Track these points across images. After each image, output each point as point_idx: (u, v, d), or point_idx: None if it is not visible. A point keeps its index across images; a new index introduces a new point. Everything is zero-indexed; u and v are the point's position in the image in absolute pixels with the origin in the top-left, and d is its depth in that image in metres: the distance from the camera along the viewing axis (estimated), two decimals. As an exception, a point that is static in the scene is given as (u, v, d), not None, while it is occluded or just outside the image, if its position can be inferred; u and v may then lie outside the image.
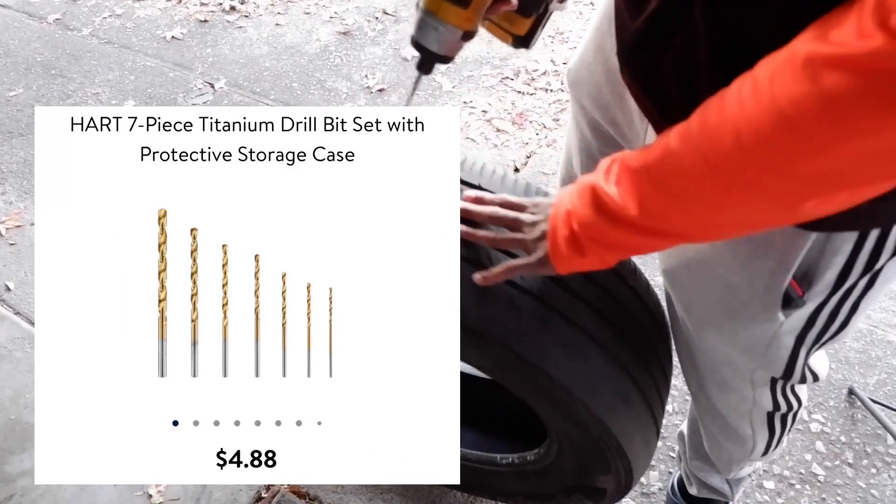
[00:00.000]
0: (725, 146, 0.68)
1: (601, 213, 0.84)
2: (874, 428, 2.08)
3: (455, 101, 3.39)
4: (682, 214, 0.78)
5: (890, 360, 2.23)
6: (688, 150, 0.73)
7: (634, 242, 0.85)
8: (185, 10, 4.21)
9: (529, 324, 1.08)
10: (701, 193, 0.74)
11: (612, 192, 0.82)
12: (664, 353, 1.28)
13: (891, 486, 1.96)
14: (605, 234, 0.85)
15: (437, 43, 0.97)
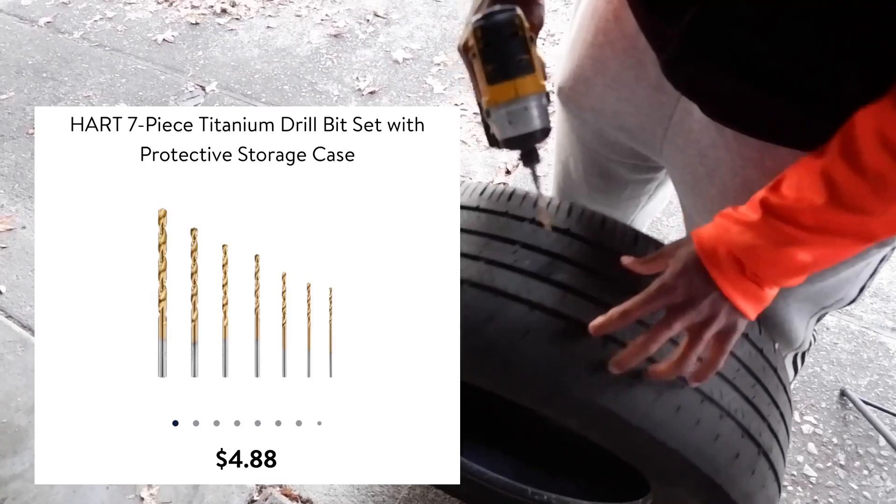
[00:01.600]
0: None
1: (771, 214, 0.83)
2: (866, 429, 2.09)
3: (447, 103, 3.39)
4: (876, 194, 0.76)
5: (881, 362, 2.24)
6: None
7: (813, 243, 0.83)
8: (177, 13, 4.21)
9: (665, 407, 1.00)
10: None
11: (786, 191, 0.82)
12: (784, 406, 1.19)
13: (883, 488, 1.97)
14: (777, 239, 0.83)
15: (535, 119, 0.93)
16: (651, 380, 0.96)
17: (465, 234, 1.10)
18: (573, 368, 0.97)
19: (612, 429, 1.00)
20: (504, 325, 0.99)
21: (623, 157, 1.33)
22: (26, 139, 3.38)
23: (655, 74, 1.03)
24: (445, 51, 3.71)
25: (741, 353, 1.07)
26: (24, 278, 2.72)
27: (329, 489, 2.04)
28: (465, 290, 1.02)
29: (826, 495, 1.96)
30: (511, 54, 0.90)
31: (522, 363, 0.99)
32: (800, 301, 1.20)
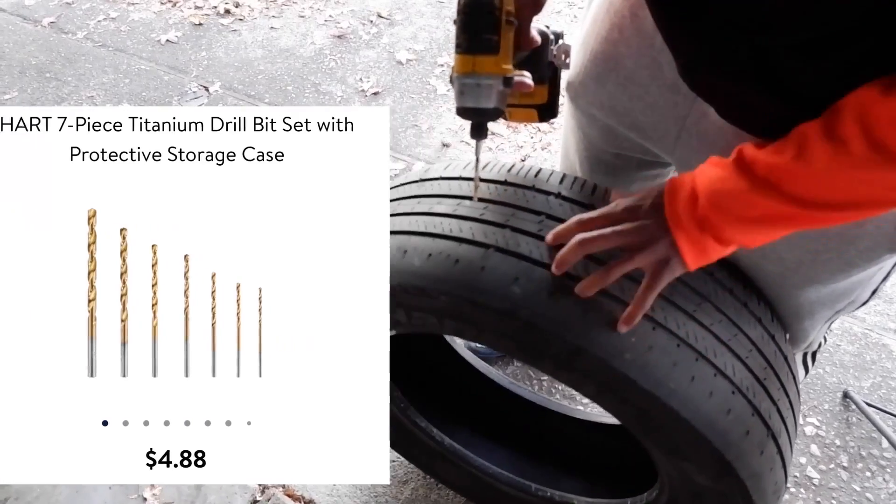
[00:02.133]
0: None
1: (742, 170, 0.85)
2: (869, 431, 2.08)
3: (450, 104, 3.38)
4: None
5: (884, 364, 2.23)
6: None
7: (777, 205, 0.84)
8: (180, 14, 4.21)
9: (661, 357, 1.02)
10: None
11: (761, 152, 0.84)
12: (794, 395, 1.20)
13: (885, 490, 1.96)
14: (745, 197, 0.86)
15: (483, 98, 0.97)
16: (580, 294, 0.99)
17: (493, 205, 1.12)
18: (593, 329, 1.00)
19: (626, 395, 1.03)
20: (528, 288, 1.02)
21: (632, 153, 1.33)
22: (30, 139, 3.38)
23: (671, 75, 1.03)
24: (449, 52, 3.71)
25: (754, 335, 1.09)
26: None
27: (332, 489, 2.04)
28: (492, 255, 1.05)
29: (829, 497, 1.96)
30: (479, 31, 0.94)
31: (544, 323, 1.01)
32: (812, 302, 1.20)
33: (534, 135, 3.19)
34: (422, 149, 3.15)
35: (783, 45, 0.77)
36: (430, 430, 1.66)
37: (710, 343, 1.03)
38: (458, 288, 1.05)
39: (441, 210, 1.15)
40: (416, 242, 1.11)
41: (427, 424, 1.66)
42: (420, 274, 1.08)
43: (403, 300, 1.14)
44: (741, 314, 1.10)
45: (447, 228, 1.10)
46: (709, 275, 1.09)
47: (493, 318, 1.06)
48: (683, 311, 1.04)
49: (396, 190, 1.30)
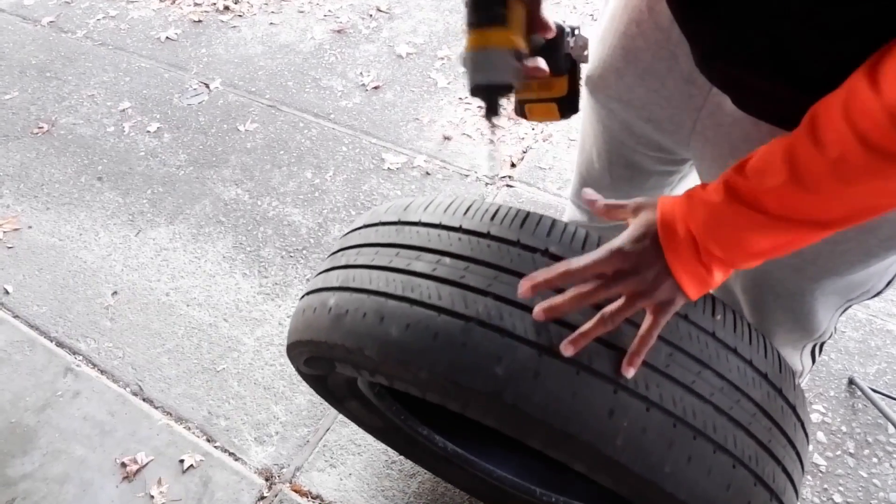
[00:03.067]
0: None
1: (734, 198, 0.82)
2: (875, 417, 2.08)
3: (451, 97, 3.38)
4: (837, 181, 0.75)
5: (890, 350, 2.23)
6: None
7: (778, 230, 0.82)
8: (179, 11, 4.21)
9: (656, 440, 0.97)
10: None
11: (757, 181, 0.81)
12: (801, 443, 1.14)
13: (892, 475, 1.96)
14: (737, 223, 0.83)
15: (494, 71, 0.96)
16: (570, 350, 0.93)
17: (474, 265, 1.05)
18: (583, 415, 0.95)
19: (620, 477, 0.99)
20: (512, 368, 0.96)
21: (648, 150, 1.33)
22: (31, 139, 3.39)
23: (687, 67, 1.03)
24: (449, 45, 3.70)
25: (758, 397, 1.04)
26: (30, 278, 2.73)
27: (339, 484, 2.04)
28: (473, 329, 0.99)
29: (836, 484, 1.96)
30: (488, 4, 0.93)
31: (530, 407, 0.96)
32: (827, 294, 1.19)
33: (535, 126, 3.18)
34: (423, 142, 3.15)
35: (800, 31, 0.76)
36: (432, 437, 1.66)
37: (710, 416, 0.98)
38: (439, 366, 0.99)
39: (420, 269, 1.07)
40: (393, 308, 1.05)
41: (429, 432, 1.65)
42: (398, 346, 1.03)
43: (383, 369, 1.09)
44: (745, 376, 1.03)
45: (426, 294, 1.04)
46: (710, 335, 1.03)
47: (476, 398, 1.00)
48: (681, 384, 0.98)
49: (376, 230, 1.22)
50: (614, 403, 0.94)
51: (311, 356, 1.26)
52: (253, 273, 2.67)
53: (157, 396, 2.31)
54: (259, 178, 3.07)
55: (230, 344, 2.44)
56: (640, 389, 0.95)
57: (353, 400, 1.57)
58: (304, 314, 1.22)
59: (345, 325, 1.09)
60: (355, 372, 1.19)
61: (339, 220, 2.84)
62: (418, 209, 1.19)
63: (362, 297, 1.09)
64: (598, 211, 1.02)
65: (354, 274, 1.14)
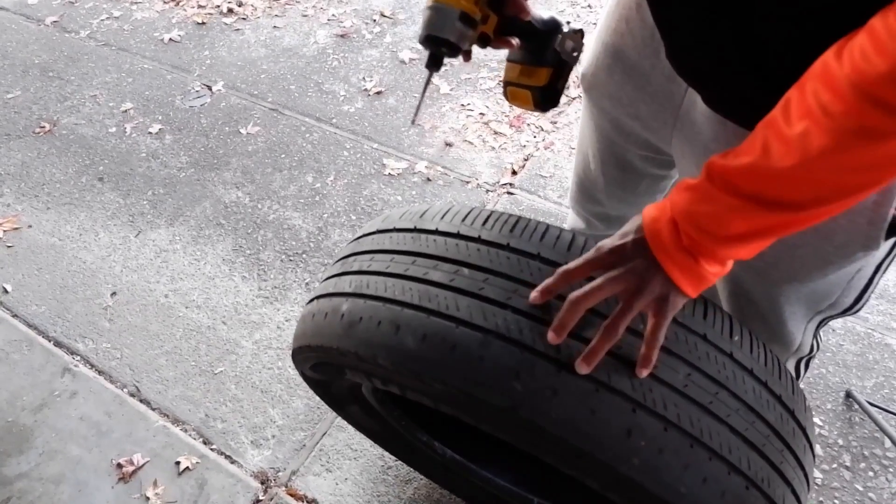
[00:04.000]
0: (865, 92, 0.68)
1: (715, 184, 0.82)
2: (872, 431, 2.08)
3: (453, 103, 3.39)
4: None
5: (887, 364, 2.23)
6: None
7: (752, 212, 0.82)
8: (183, 13, 4.21)
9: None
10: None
11: (732, 159, 0.81)
12: (808, 462, 1.13)
13: (888, 489, 1.96)
14: (712, 203, 0.83)
15: (440, 27, 1.03)
16: (584, 368, 0.92)
17: (493, 277, 1.03)
18: (601, 434, 0.93)
19: (633, 496, 0.98)
20: (530, 384, 0.95)
21: (638, 148, 1.34)
22: (33, 138, 3.39)
23: (667, 65, 1.04)
24: (451, 51, 3.71)
25: (772, 418, 1.03)
26: (29, 277, 2.73)
27: (335, 489, 2.04)
28: (492, 343, 0.97)
29: (831, 497, 1.96)
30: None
31: (547, 423, 0.94)
32: (791, 302, 1.20)
33: (536, 134, 3.19)
34: (425, 148, 3.15)
35: (764, 24, 0.78)
36: (431, 443, 1.65)
37: (725, 437, 0.97)
38: (455, 378, 0.98)
39: (438, 279, 1.06)
40: (409, 318, 1.03)
41: (428, 438, 1.65)
42: (414, 357, 1.01)
43: (396, 379, 1.08)
44: (760, 398, 1.02)
45: (443, 304, 1.02)
46: (728, 356, 1.01)
47: (491, 412, 0.99)
48: (699, 404, 0.97)
49: (391, 237, 1.20)
50: (632, 423, 0.93)
51: (319, 362, 1.25)
52: (252, 276, 2.67)
53: (155, 398, 2.31)
54: (260, 182, 3.07)
55: (228, 347, 2.44)
56: (659, 409, 0.93)
57: (354, 405, 1.57)
58: (313, 319, 1.20)
59: (358, 332, 1.07)
60: (366, 380, 1.17)
61: (339, 224, 2.84)
62: (435, 217, 1.17)
63: (377, 304, 1.07)
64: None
65: (368, 281, 1.12)
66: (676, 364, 0.97)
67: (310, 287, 2.61)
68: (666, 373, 0.95)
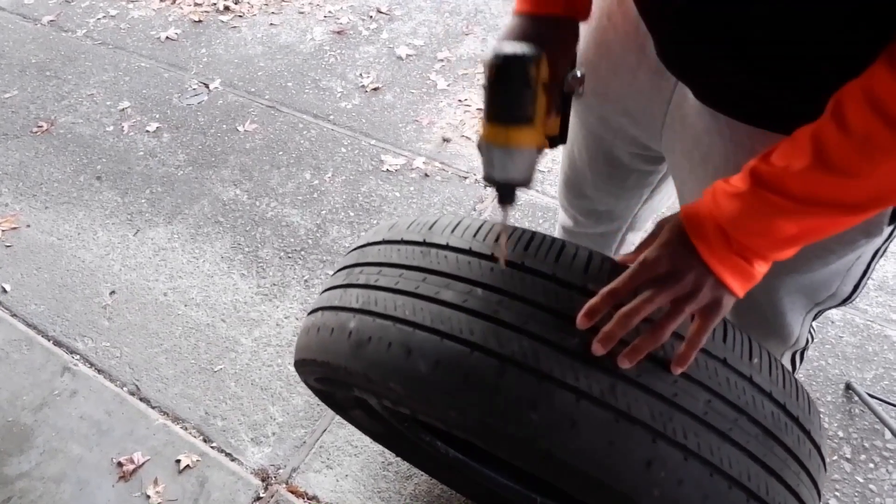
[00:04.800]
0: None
1: (760, 185, 0.82)
2: (872, 423, 2.08)
3: (450, 99, 3.38)
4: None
5: (887, 355, 2.23)
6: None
7: (805, 215, 0.82)
8: (180, 11, 4.21)
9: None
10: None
11: (782, 166, 0.80)
12: (821, 480, 1.11)
13: (889, 481, 1.96)
14: (764, 210, 0.83)
15: (515, 170, 0.92)
16: (626, 363, 0.91)
17: (508, 299, 0.99)
18: (620, 465, 0.91)
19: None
20: (548, 415, 0.92)
21: (625, 144, 1.33)
22: (30, 138, 3.39)
23: (656, 59, 1.04)
24: (448, 47, 3.70)
25: (790, 442, 1.01)
26: (28, 276, 2.73)
27: (335, 486, 2.04)
28: (508, 371, 0.94)
29: (832, 489, 1.96)
30: (514, 103, 0.88)
31: (565, 455, 0.92)
32: (791, 294, 1.19)
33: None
34: (422, 144, 3.15)
35: (756, 21, 0.78)
36: (434, 443, 1.65)
37: (745, 465, 0.95)
38: (470, 407, 0.95)
39: (450, 299, 1.01)
40: (421, 341, 0.99)
41: (432, 438, 1.65)
42: (427, 383, 0.98)
43: (408, 403, 1.05)
44: (778, 421, 1.00)
45: (457, 328, 0.98)
46: (748, 381, 0.99)
47: (507, 442, 0.96)
48: (719, 432, 0.94)
49: (398, 249, 1.15)
50: (653, 454, 0.91)
51: (325, 377, 1.22)
52: (251, 274, 2.67)
53: (155, 396, 2.31)
54: (258, 179, 3.07)
55: (228, 344, 2.44)
56: (679, 438, 0.91)
57: (357, 409, 1.56)
58: (318, 333, 1.16)
59: (367, 353, 1.04)
60: (375, 399, 1.14)
61: (337, 221, 2.84)
62: (445, 230, 1.12)
63: (387, 324, 1.03)
64: (626, 260, 0.98)
65: (377, 297, 1.08)
66: (697, 391, 0.95)
67: (309, 284, 2.61)
68: (686, 400, 0.93)
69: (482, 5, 3.98)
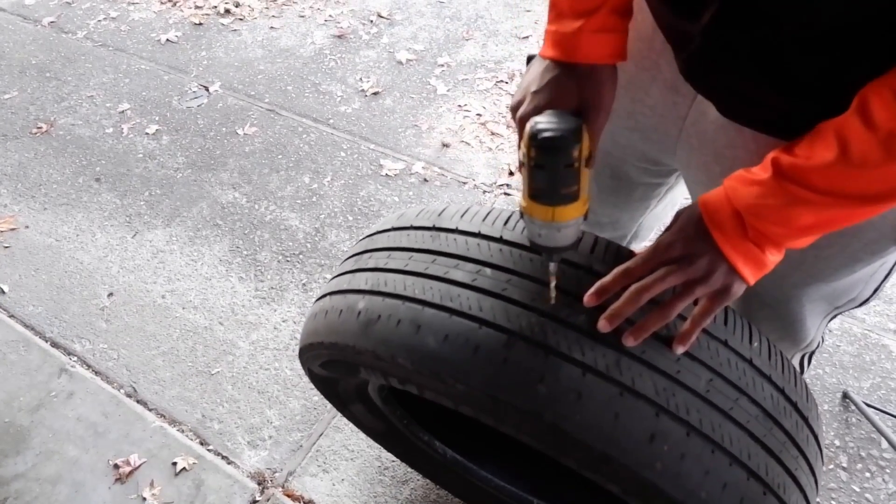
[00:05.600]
0: None
1: (786, 181, 0.82)
2: (868, 432, 2.09)
3: (450, 104, 3.39)
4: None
5: (884, 364, 2.23)
6: None
7: (825, 206, 0.83)
8: (180, 14, 4.21)
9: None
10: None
11: (805, 158, 0.81)
12: (818, 468, 1.12)
13: (885, 490, 1.97)
14: (784, 200, 0.83)
15: (565, 240, 0.92)
16: (631, 341, 0.93)
17: (517, 278, 1.02)
18: (624, 438, 0.93)
19: (655, 501, 0.97)
20: (555, 388, 0.94)
21: (634, 160, 1.32)
22: (29, 139, 3.39)
23: (671, 76, 1.03)
24: (449, 52, 3.71)
25: (788, 425, 1.03)
26: (26, 278, 2.73)
27: (331, 490, 2.04)
28: (516, 345, 0.96)
29: (828, 498, 1.96)
30: (559, 184, 0.86)
31: (571, 427, 0.94)
32: (814, 301, 1.19)
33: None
34: (422, 149, 3.15)
35: (788, 37, 0.77)
36: (432, 443, 1.65)
37: (745, 444, 0.97)
38: (477, 380, 0.97)
39: (459, 278, 1.03)
40: (430, 318, 1.01)
41: (430, 438, 1.65)
42: (435, 357, 0.99)
43: (415, 379, 1.06)
44: (777, 405, 1.03)
45: (466, 304, 1.00)
46: (748, 363, 1.01)
47: (514, 415, 0.98)
48: (720, 410, 0.96)
49: (408, 235, 1.17)
50: (656, 427, 0.93)
51: (332, 360, 1.23)
52: (249, 277, 2.67)
53: (152, 398, 2.31)
54: (257, 182, 3.07)
55: (225, 347, 2.44)
56: (682, 413, 0.93)
57: (358, 403, 1.56)
58: (326, 316, 1.17)
59: (376, 331, 1.05)
60: (383, 378, 1.15)
61: (336, 225, 2.84)
62: (454, 216, 1.15)
63: (396, 303, 1.05)
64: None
65: (386, 278, 1.10)
66: (699, 369, 0.96)
67: (307, 288, 2.61)
68: (689, 378, 0.95)
69: (483, 11, 3.98)
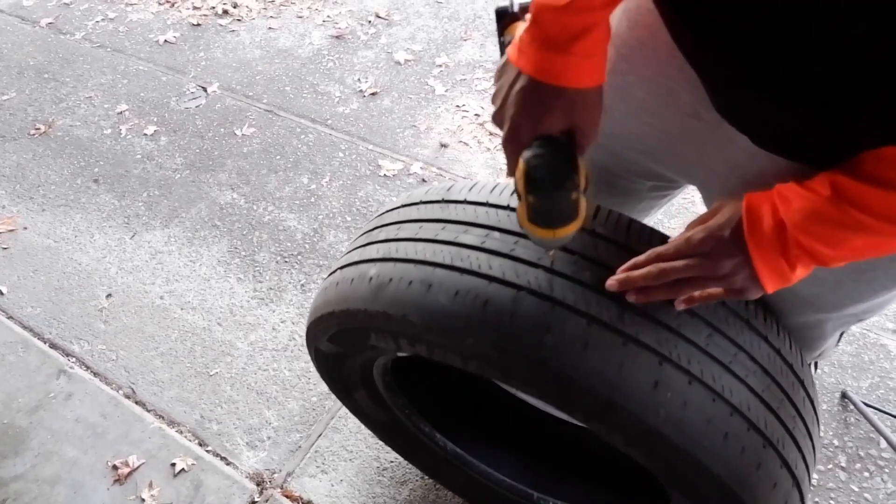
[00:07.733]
0: None
1: (842, 198, 0.81)
2: (867, 431, 2.09)
3: (448, 104, 3.39)
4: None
5: (882, 364, 2.23)
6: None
7: (880, 231, 0.81)
8: (178, 14, 4.21)
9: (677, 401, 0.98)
10: None
11: (865, 183, 0.80)
12: (816, 435, 1.16)
13: (883, 490, 1.97)
14: (840, 222, 0.82)
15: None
16: (633, 296, 0.97)
17: (524, 240, 1.06)
18: (628, 385, 0.96)
19: (657, 449, 1.00)
20: (562, 338, 0.98)
21: (640, 177, 1.31)
22: (28, 140, 3.39)
23: (689, 102, 1.02)
24: (447, 52, 3.71)
25: (785, 384, 1.06)
26: (25, 279, 2.73)
27: (330, 490, 2.04)
28: (524, 299, 1.00)
29: (827, 497, 1.96)
30: (556, 211, 0.89)
31: (577, 375, 0.97)
32: (843, 318, 1.18)
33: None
34: (420, 149, 3.15)
35: (835, 71, 0.73)
36: (433, 435, 1.65)
37: (745, 396, 1.00)
38: (487, 333, 1.00)
39: (468, 241, 1.08)
40: (441, 277, 1.05)
41: (431, 430, 1.65)
42: (446, 312, 1.03)
43: (426, 337, 1.09)
44: (774, 363, 1.06)
45: (475, 264, 1.04)
46: (745, 322, 1.05)
47: (522, 366, 1.01)
48: (720, 363, 1.00)
49: (417, 208, 1.22)
50: (659, 375, 0.96)
51: (342, 329, 1.25)
52: (247, 278, 2.67)
53: (150, 399, 2.31)
54: (255, 183, 3.07)
55: (224, 348, 2.43)
56: (683, 363, 0.97)
57: (361, 389, 1.56)
58: (337, 287, 1.20)
59: (387, 293, 1.09)
60: (393, 342, 1.18)
61: (334, 226, 2.84)
62: (462, 190, 1.19)
63: (408, 266, 1.09)
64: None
65: (397, 246, 1.14)
66: (699, 324, 1.00)
67: (305, 288, 2.60)
68: (689, 331, 0.99)
69: (481, 11, 3.98)
